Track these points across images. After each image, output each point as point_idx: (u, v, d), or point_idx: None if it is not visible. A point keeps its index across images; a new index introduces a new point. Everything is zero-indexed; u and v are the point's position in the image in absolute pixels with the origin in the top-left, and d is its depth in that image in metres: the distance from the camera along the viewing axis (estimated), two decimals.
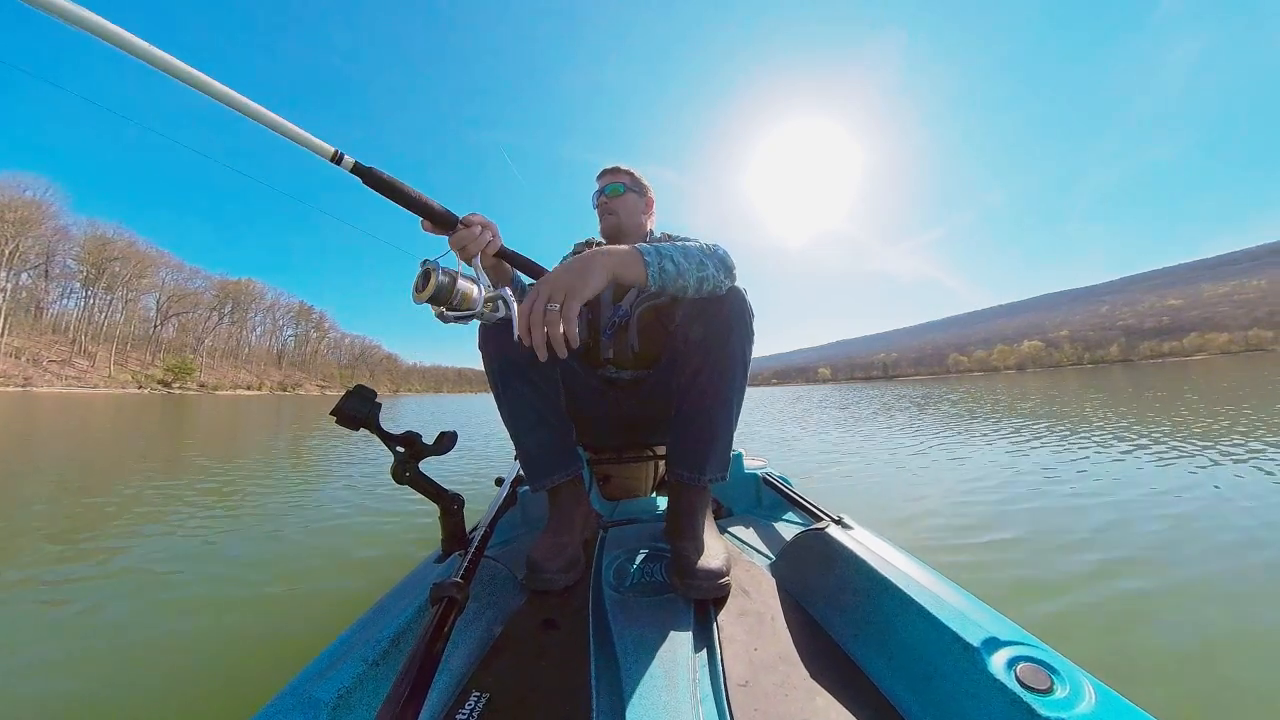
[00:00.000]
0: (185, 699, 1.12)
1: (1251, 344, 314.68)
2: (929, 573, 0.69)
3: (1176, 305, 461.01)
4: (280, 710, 0.52)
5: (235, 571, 1.88)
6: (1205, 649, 1.17)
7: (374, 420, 0.75)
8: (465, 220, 0.84)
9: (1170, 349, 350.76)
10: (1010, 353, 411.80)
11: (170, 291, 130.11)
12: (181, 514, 2.74)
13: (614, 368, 1.25)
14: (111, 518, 2.67)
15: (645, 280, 0.75)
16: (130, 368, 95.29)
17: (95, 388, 75.16)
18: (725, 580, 0.78)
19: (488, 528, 0.92)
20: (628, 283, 0.76)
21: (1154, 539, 1.89)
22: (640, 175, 1.32)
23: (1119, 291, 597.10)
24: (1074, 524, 2.09)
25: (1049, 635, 0.55)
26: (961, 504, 2.51)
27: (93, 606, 1.58)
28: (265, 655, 1.29)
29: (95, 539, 2.30)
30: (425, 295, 0.73)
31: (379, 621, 0.67)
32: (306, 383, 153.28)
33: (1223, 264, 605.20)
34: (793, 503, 1.15)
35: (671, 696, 0.57)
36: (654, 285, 0.76)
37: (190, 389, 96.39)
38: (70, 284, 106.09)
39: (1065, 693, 0.47)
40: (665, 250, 0.78)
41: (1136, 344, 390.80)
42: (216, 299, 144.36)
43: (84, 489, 3.37)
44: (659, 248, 0.78)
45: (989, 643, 0.54)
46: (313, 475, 4.00)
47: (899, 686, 0.59)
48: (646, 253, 0.76)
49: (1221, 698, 1.02)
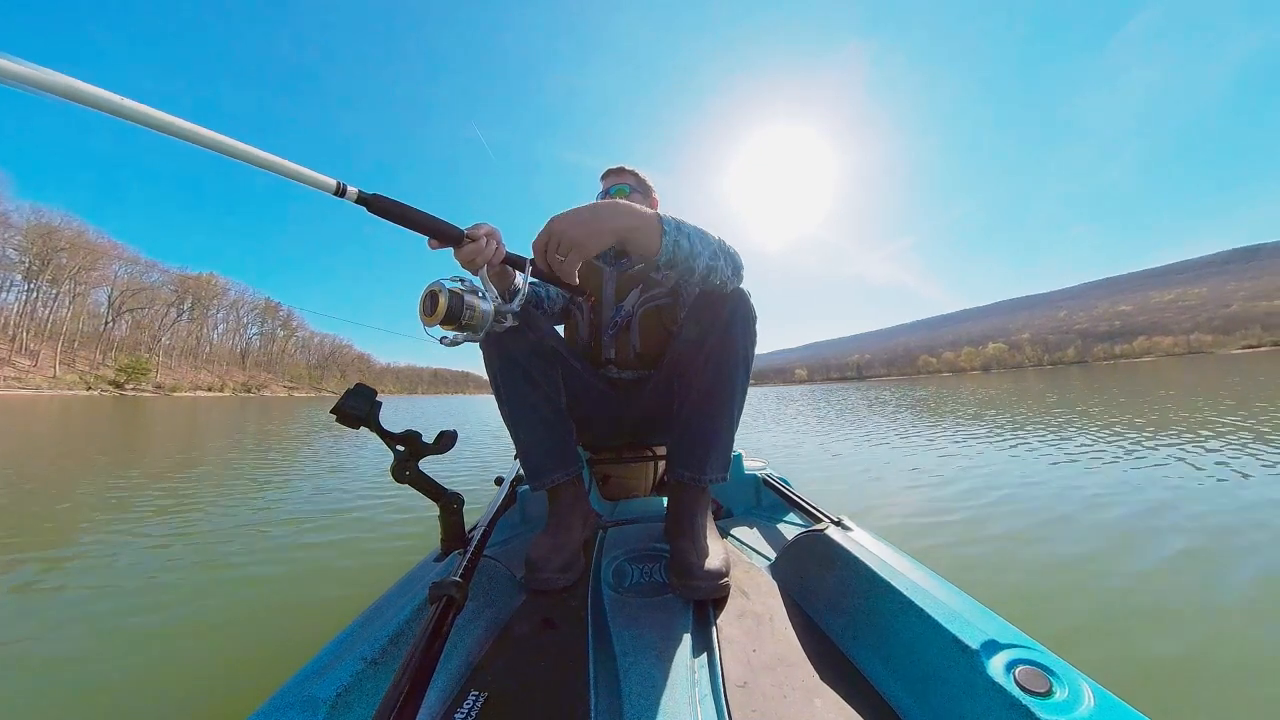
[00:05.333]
0: (185, 698, 1.12)
1: (1193, 347, 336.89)
2: (928, 575, 0.69)
3: (1127, 310, 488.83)
4: (279, 708, 0.51)
5: (234, 570, 1.86)
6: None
7: (374, 419, 0.74)
8: (470, 233, 0.82)
9: (1121, 351, 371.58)
10: (976, 354, 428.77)
11: (124, 285, 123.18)
12: (174, 514, 2.69)
13: (615, 368, 1.25)
14: (94, 515, 2.59)
15: (657, 249, 0.74)
16: (78, 368, 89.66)
17: (38, 389, 70.39)
18: (724, 581, 0.78)
19: (487, 527, 0.90)
20: (636, 250, 0.74)
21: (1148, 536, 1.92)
22: (645, 176, 1.32)
23: (1076, 297, 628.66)
24: (1072, 523, 2.13)
25: (1047, 635, 0.58)
26: (960, 503, 2.55)
27: (90, 606, 1.57)
28: (264, 653, 1.29)
29: (78, 541, 2.23)
30: (436, 318, 0.72)
31: (378, 620, 0.67)
32: (272, 384, 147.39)
33: (1169, 273, 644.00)
34: (792, 504, 1.15)
35: (670, 697, 0.57)
36: (663, 258, 0.75)
37: (145, 390, 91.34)
38: (10, 276, 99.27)
39: (1064, 695, 0.47)
40: (686, 228, 0.77)
41: (1091, 346, 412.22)
42: (175, 294, 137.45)
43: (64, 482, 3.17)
44: (681, 224, 0.77)
45: (988, 645, 0.54)
46: (310, 476, 3.92)
47: (898, 688, 0.59)
48: (667, 224, 0.74)
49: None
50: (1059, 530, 2.06)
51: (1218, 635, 1.25)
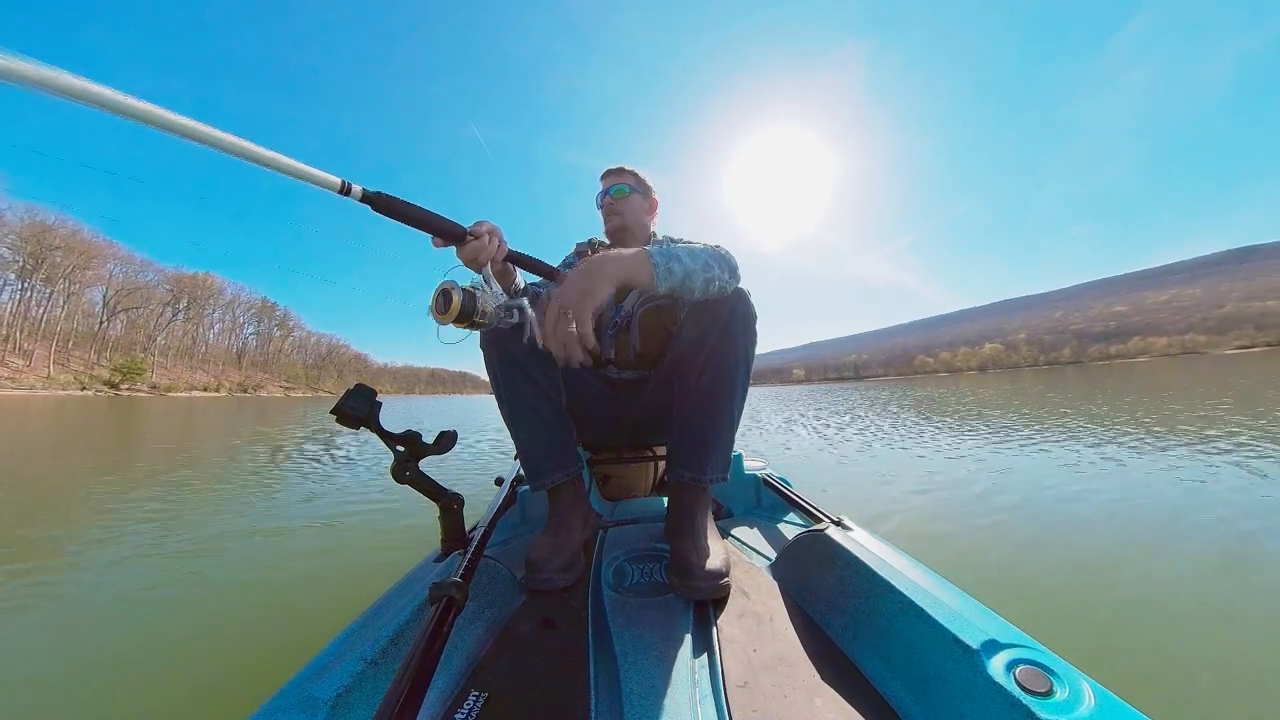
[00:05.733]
0: (186, 698, 1.12)
1: (1187, 347, 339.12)
2: (928, 575, 0.69)
3: (1123, 311, 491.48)
4: (280, 708, 0.52)
5: (235, 571, 1.86)
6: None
7: (374, 419, 0.74)
8: (473, 231, 0.83)
9: (1116, 351, 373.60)
10: (972, 355, 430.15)
11: (119, 285, 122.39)
12: (174, 515, 2.67)
13: (616, 368, 1.25)
14: (95, 516, 2.58)
15: (653, 283, 0.75)
16: (73, 368, 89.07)
17: (31, 389, 69.89)
18: (725, 581, 0.78)
19: (487, 527, 0.90)
20: (636, 286, 0.75)
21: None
22: (644, 176, 1.32)
23: (1072, 298, 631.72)
24: (1073, 523, 2.15)
25: (1048, 635, 0.55)
26: (959, 503, 2.56)
27: (90, 606, 1.56)
28: (265, 653, 1.29)
29: (77, 542, 2.22)
30: (450, 316, 0.74)
31: (378, 620, 0.67)
32: (269, 384, 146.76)
33: (1164, 274, 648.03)
34: (792, 504, 1.15)
35: (671, 697, 0.57)
36: (661, 289, 0.76)
37: (140, 390, 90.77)
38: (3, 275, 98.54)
39: (1064, 695, 0.47)
40: (672, 252, 0.77)
41: (1086, 347, 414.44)
42: (171, 294, 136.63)
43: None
44: (666, 250, 0.77)
45: (988, 645, 0.54)
46: (309, 476, 3.91)
47: (898, 688, 0.59)
48: (654, 255, 0.75)
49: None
50: (1059, 529, 2.06)
51: (1218, 635, 1.24)
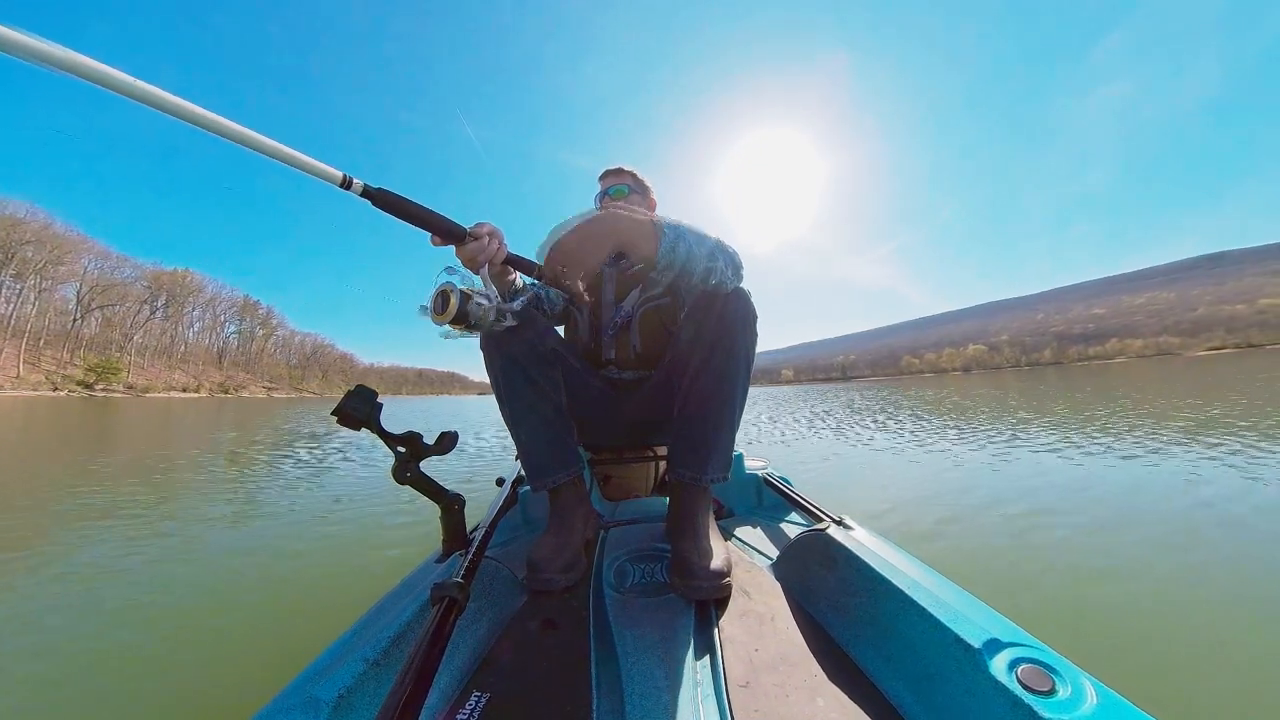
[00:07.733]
0: (188, 698, 1.12)
1: (1162, 349, 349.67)
2: (930, 574, 0.69)
3: (1101, 314, 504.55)
4: (282, 709, 0.51)
5: (235, 573, 1.85)
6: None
7: (374, 420, 0.74)
8: (474, 231, 0.82)
9: (1095, 353, 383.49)
10: (957, 355, 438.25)
11: (93, 281, 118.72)
12: (178, 515, 2.66)
13: (616, 368, 1.25)
14: (95, 516, 2.57)
15: (654, 256, 0.75)
16: (44, 367, 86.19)
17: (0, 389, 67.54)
18: (726, 581, 0.78)
19: (488, 528, 0.90)
20: (634, 254, 0.76)
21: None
22: (643, 176, 1.32)
23: (1052, 300, 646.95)
24: (1071, 523, 2.16)
25: (1049, 634, 0.55)
26: (958, 503, 2.58)
27: (91, 606, 1.56)
28: (267, 655, 1.29)
29: (78, 541, 2.21)
30: (447, 317, 0.74)
31: (380, 621, 0.67)
32: (251, 384, 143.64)
33: (1140, 278, 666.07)
34: (794, 503, 1.15)
35: (672, 697, 0.57)
36: (660, 263, 0.76)
37: (116, 391, 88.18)
38: None
39: (1067, 694, 0.47)
40: (681, 231, 0.78)
41: (1066, 348, 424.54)
42: (148, 291, 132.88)
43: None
44: (677, 228, 0.78)
45: (990, 644, 0.53)
46: (309, 476, 3.86)
47: (900, 687, 0.59)
48: (665, 230, 0.76)
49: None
50: (1058, 530, 2.07)
51: (1221, 633, 1.26)
